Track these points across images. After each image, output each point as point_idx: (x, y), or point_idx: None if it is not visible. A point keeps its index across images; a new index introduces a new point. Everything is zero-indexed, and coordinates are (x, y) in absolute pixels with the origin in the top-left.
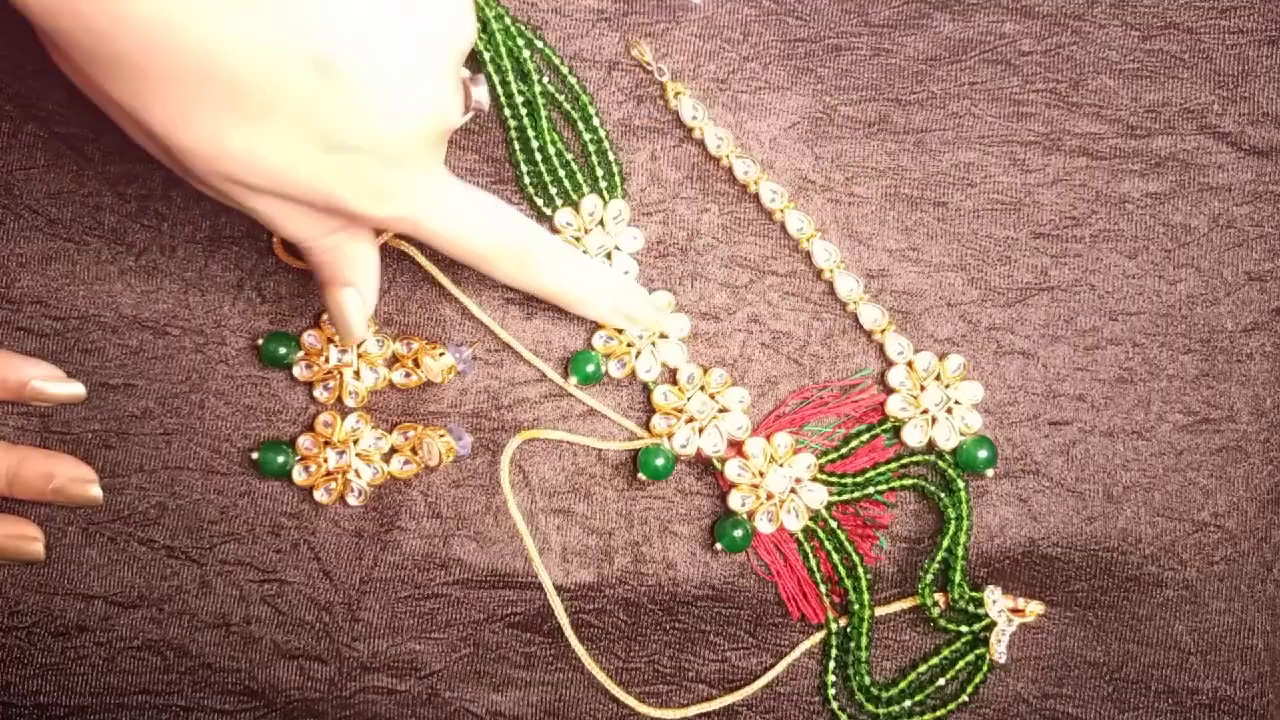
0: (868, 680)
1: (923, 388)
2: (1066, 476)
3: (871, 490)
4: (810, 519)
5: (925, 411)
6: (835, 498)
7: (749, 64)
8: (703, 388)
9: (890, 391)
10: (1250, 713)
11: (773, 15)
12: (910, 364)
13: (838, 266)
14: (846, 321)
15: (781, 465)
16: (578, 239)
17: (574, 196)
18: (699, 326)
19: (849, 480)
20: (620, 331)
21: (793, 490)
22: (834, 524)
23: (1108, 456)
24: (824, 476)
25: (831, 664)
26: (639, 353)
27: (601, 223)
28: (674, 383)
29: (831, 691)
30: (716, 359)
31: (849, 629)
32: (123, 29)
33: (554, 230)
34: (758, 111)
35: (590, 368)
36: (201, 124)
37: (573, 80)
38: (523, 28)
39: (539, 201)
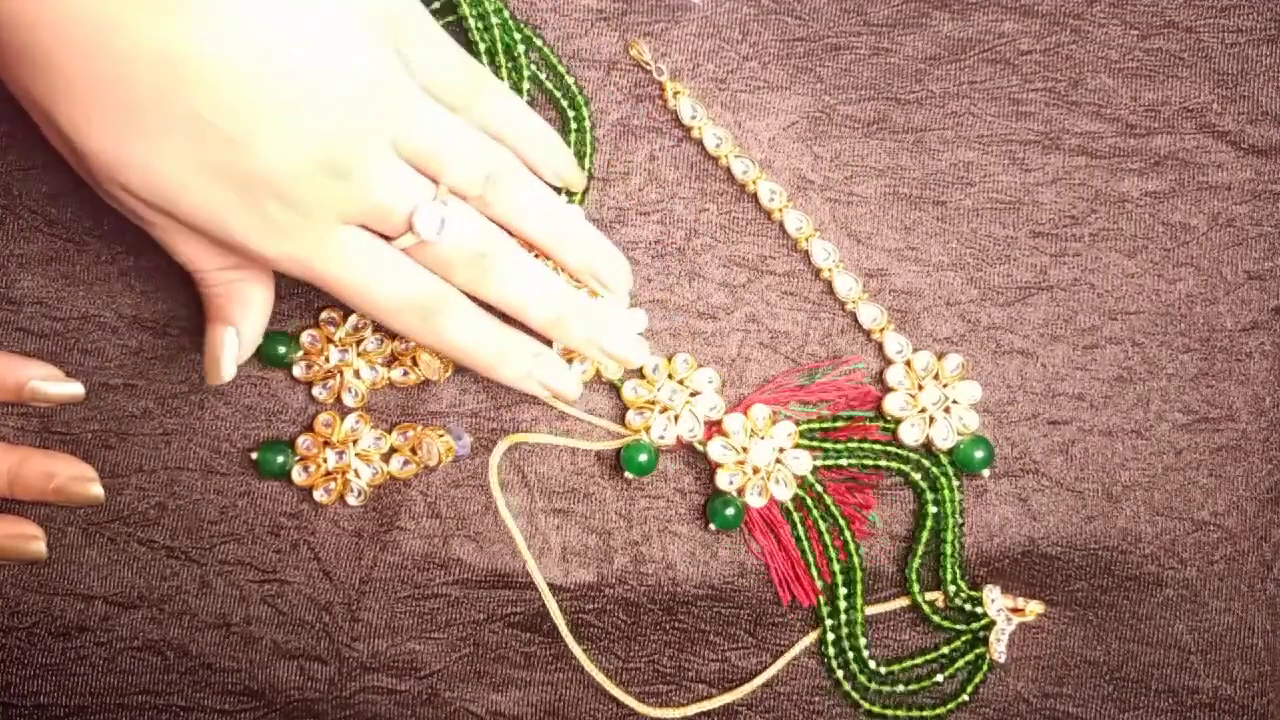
0: (862, 643)
1: (921, 387)
2: (1066, 476)
3: (855, 461)
4: (799, 487)
5: (923, 411)
6: (820, 461)
7: (748, 63)
8: (670, 375)
9: (888, 390)
10: (1250, 712)
11: (772, 15)
12: (909, 363)
13: (836, 266)
14: (845, 321)
15: (763, 437)
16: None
17: None
18: (697, 326)
19: (830, 446)
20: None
21: (778, 460)
22: (820, 488)
23: (1107, 455)
24: (807, 442)
25: (829, 635)
26: None
27: None
28: (641, 377)
29: (832, 654)
30: (714, 358)
31: (845, 594)
32: (47, 22)
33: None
34: (757, 111)
35: None
36: (105, 131)
37: (570, 80)
38: (521, 25)
39: None
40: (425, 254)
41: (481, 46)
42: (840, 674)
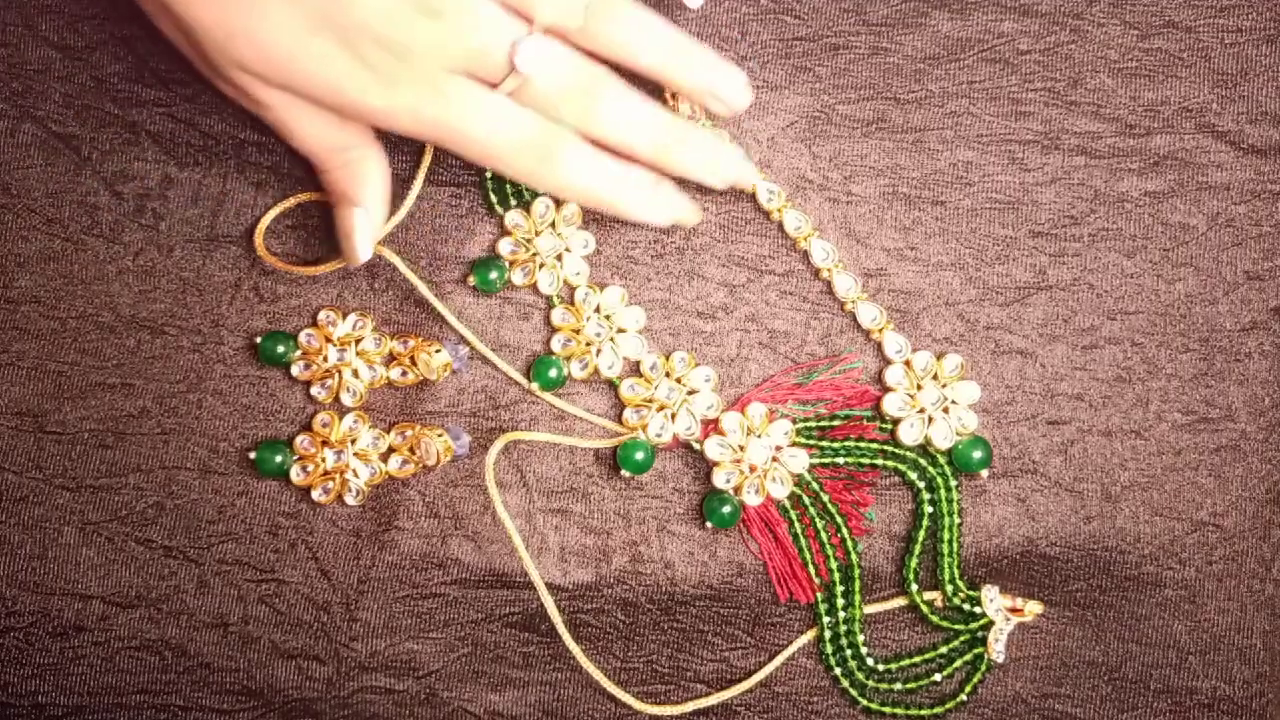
0: (860, 640)
1: (919, 387)
2: (1065, 476)
3: (852, 460)
4: (795, 485)
5: (922, 411)
6: (816, 459)
7: (747, 63)
8: (668, 374)
9: (887, 390)
10: (1249, 712)
11: (770, 14)
12: (908, 363)
13: (835, 265)
14: (844, 320)
15: (760, 436)
16: (529, 240)
17: (527, 196)
18: (696, 325)
19: (827, 444)
20: (578, 332)
21: (774, 459)
22: (817, 486)
23: (1106, 456)
24: (803, 440)
25: (827, 633)
26: (599, 350)
27: (553, 225)
28: (638, 374)
29: (830, 652)
30: (714, 358)
31: (843, 592)
32: None
33: (503, 231)
34: (755, 110)
35: (553, 373)
36: (211, 5)
37: None
38: None
39: (494, 199)
40: (530, 96)
41: None
42: (838, 671)
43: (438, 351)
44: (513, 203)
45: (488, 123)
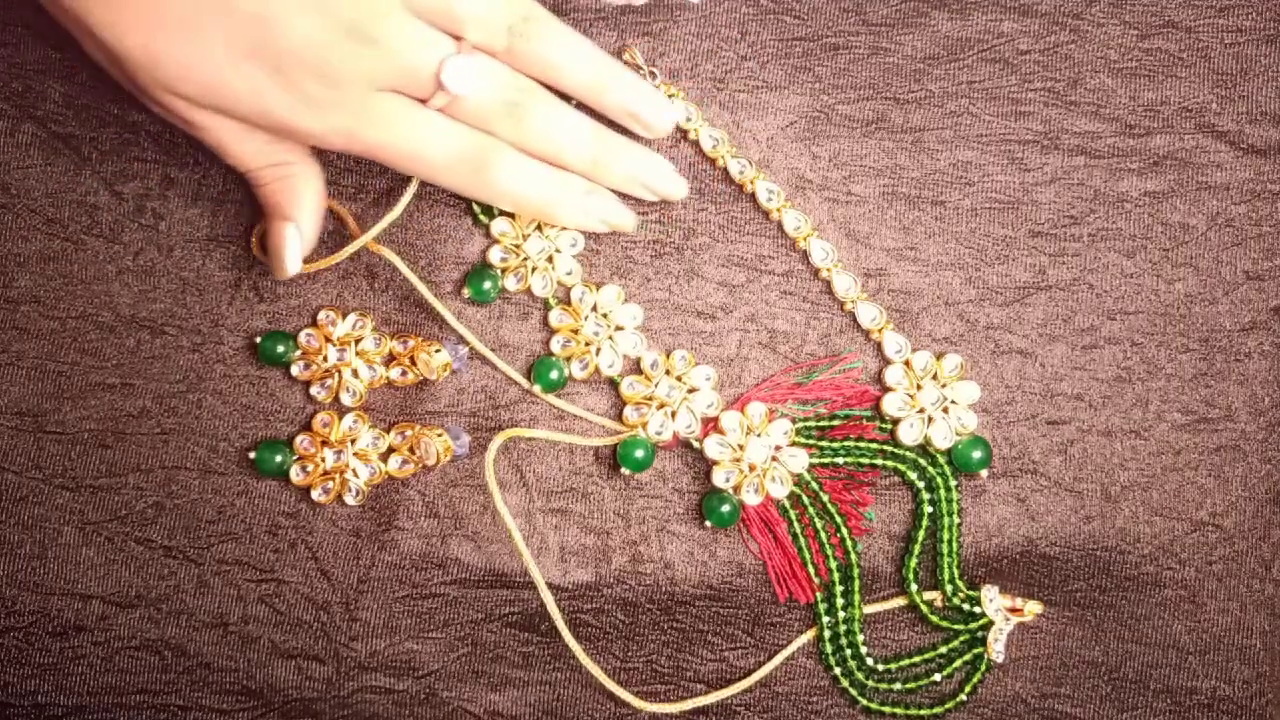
0: (860, 640)
1: (919, 386)
2: (1064, 476)
3: (852, 460)
4: (795, 484)
5: (922, 411)
6: (816, 459)
7: (746, 63)
8: (668, 372)
9: (887, 390)
10: (1249, 712)
11: (770, 14)
12: (907, 363)
13: (835, 265)
14: (844, 320)
15: (759, 435)
16: (517, 246)
17: None
18: (695, 325)
19: (827, 444)
20: (576, 332)
21: (774, 458)
22: (816, 486)
23: (1106, 456)
24: (803, 440)
25: (827, 632)
26: (599, 349)
27: (539, 227)
28: (639, 373)
29: (829, 652)
30: (713, 358)
31: (843, 592)
32: None
33: (491, 240)
34: (755, 110)
35: (554, 374)
36: (137, 27)
37: None
38: None
39: (477, 209)
40: (462, 111)
41: None
42: (838, 671)
43: (437, 351)
44: (496, 211)
45: (419, 138)
